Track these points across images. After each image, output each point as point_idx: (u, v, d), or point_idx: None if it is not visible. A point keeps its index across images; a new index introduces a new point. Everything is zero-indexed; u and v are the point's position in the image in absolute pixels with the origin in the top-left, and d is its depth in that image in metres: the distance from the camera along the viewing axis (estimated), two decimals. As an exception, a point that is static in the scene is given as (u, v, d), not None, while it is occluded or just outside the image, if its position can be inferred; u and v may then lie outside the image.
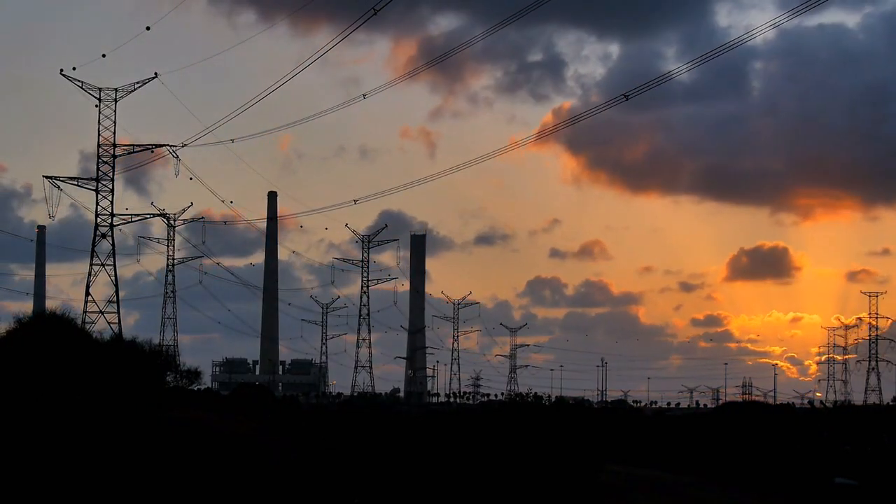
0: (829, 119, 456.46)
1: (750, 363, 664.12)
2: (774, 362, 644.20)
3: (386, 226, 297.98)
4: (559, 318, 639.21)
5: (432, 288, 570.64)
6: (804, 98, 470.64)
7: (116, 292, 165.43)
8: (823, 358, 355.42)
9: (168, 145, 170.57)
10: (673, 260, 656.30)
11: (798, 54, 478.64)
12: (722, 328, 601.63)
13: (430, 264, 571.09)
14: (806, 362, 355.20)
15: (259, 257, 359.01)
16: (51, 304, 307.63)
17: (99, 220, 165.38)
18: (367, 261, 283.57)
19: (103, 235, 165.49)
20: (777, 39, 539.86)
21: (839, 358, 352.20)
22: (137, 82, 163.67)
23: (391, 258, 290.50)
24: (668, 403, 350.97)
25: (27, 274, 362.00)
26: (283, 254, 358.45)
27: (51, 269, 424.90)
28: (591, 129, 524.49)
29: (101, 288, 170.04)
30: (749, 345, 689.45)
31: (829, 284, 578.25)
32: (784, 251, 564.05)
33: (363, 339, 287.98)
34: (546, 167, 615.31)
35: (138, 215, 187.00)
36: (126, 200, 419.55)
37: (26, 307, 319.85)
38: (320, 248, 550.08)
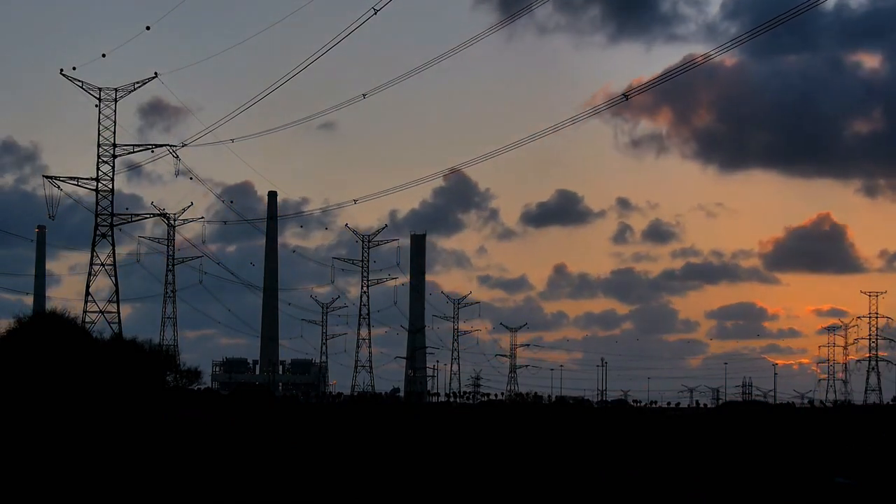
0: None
1: (780, 363, 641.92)
2: (790, 361, 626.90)
3: (386, 226, 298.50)
4: (583, 313, 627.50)
5: (483, 263, 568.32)
6: None
7: (117, 292, 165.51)
8: (856, 357, 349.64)
9: (168, 145, 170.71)
10: (732, 241, 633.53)
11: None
12: (757, 323, 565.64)
13: (487, 243, 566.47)
14: (830, 364, 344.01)
15: (259, 257, 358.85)
16: (51, 301, 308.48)
17: (99, 219, 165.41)
18: (367, 260, 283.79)
19: (103, 235, 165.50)
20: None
21: (855, 357, 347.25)
22: (137, 82, 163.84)
23: (393, 256, 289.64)
24: (669, 403, 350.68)
25: (27, 274, 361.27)
26: (281, 252, 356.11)
27: (51, 269, 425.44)
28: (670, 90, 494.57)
29: (102, 287, 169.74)
30: (779, 341, 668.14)
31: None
32: (845, 234, 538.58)
33: (363, 339, 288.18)
34: (610, 136, 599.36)
35: (138, 215, 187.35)
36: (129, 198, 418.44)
37: (27, 300, 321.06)
38: (323, 245, 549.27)
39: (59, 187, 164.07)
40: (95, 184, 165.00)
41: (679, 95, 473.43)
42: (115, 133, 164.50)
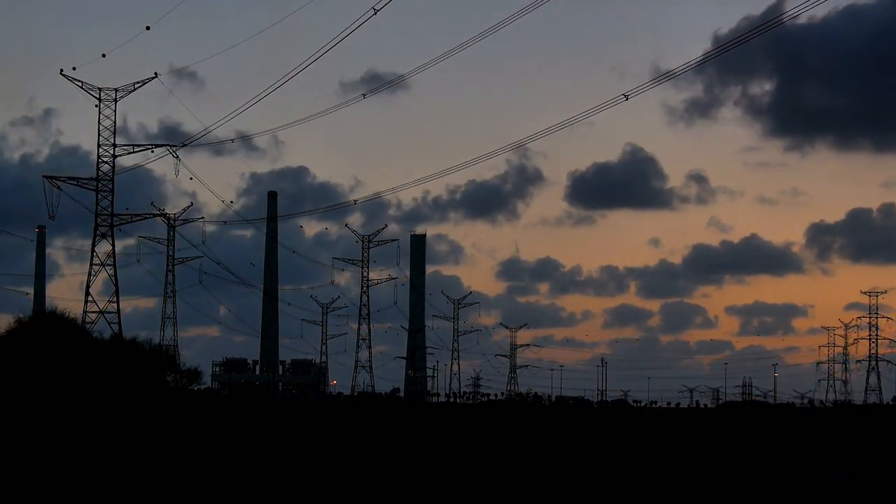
0: None
1: (794, 363, 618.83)
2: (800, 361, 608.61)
3: (385, 226, 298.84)
4: (603, 309, 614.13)
5: (503, 254, 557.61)
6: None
7: (117, 292, 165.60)
8: (855, 360, 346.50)
9: (168, 145, 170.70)
10: (779, 230, 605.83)
11: None
12: (786, 319, 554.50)
13: (510, 233, 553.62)
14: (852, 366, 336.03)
15: (259, 257, 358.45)
16: (51, 300, 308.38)
17: (99, 219, 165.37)
18: (368, 260, 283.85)
19: (103, 235, 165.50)
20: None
21: (857, 357, 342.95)
22: (137, 82, 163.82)
23: (393, 257, 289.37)
24: (668, 403, 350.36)
25: (27, 274, 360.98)
26: (283, 253, 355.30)
27: (51, 268, 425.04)
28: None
29: (102, 287, 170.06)
30: (804, 340, 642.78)
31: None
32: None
33: (363, 339, 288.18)
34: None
35: (138, 215, 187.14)
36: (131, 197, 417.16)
37: (28, 297, 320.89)
38: (324, 246, 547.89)
39: (58, 187, 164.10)
40: (95, 184, 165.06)
41: (727, 58, 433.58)
42: (115, 133, 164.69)
